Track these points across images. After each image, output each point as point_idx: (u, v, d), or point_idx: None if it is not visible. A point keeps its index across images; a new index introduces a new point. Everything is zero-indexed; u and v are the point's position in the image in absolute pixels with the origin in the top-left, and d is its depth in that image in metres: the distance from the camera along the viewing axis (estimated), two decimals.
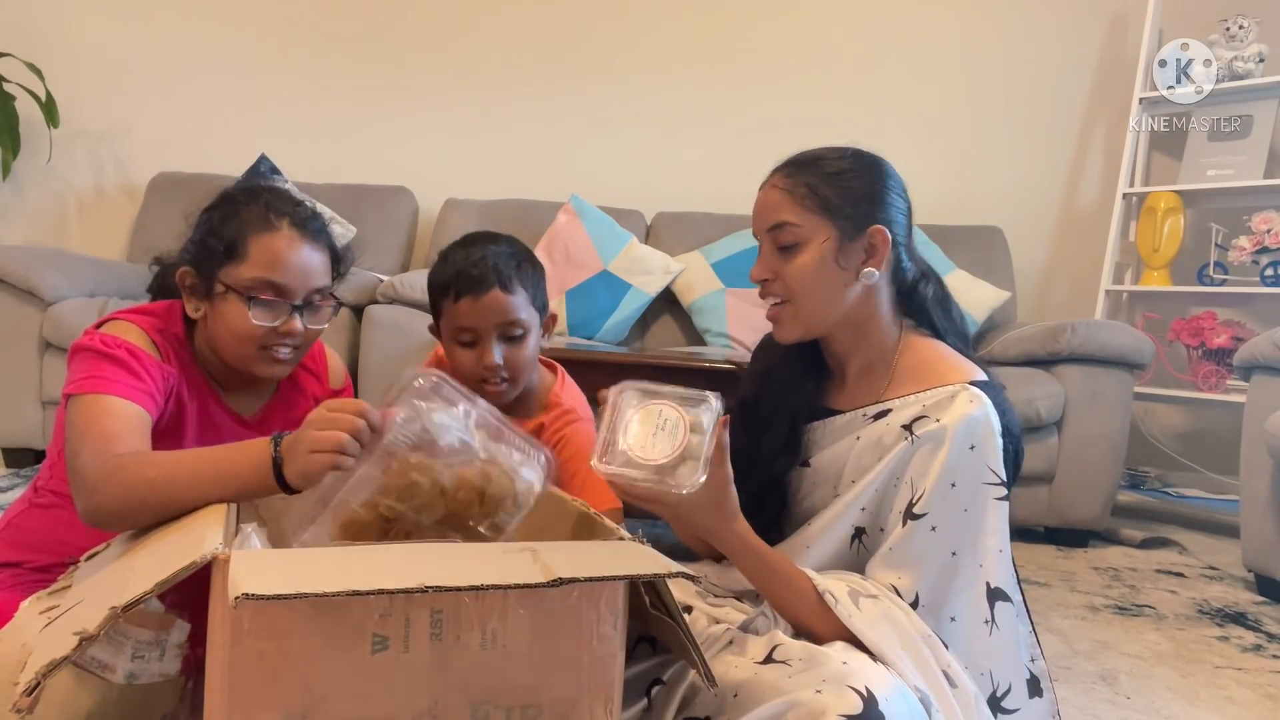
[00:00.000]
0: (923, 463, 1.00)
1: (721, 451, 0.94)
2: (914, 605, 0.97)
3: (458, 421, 0.92)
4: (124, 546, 0.95)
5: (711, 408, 0.92)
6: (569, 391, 1.44)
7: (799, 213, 1.07)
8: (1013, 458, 1.05)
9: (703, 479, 0.90)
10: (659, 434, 0.90)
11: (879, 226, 1.08)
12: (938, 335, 1.15)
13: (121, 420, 1.02)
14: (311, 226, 1.20)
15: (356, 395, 2.66)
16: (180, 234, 1.23)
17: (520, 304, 1.31)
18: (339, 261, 1.24)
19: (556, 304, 3.04)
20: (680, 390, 0.93)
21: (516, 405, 1.39)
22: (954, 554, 0.99)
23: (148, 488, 0.92)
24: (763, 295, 1.13)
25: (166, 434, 1.14)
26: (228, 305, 1.14)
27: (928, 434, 1.01)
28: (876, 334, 1.12)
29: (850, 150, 1.12)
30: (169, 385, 1.14)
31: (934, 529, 0.98)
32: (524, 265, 1.35)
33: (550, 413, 1.40)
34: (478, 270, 1.30)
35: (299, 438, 0.90)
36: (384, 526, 0.90)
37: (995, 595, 1.00)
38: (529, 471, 0.95)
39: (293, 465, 0.90)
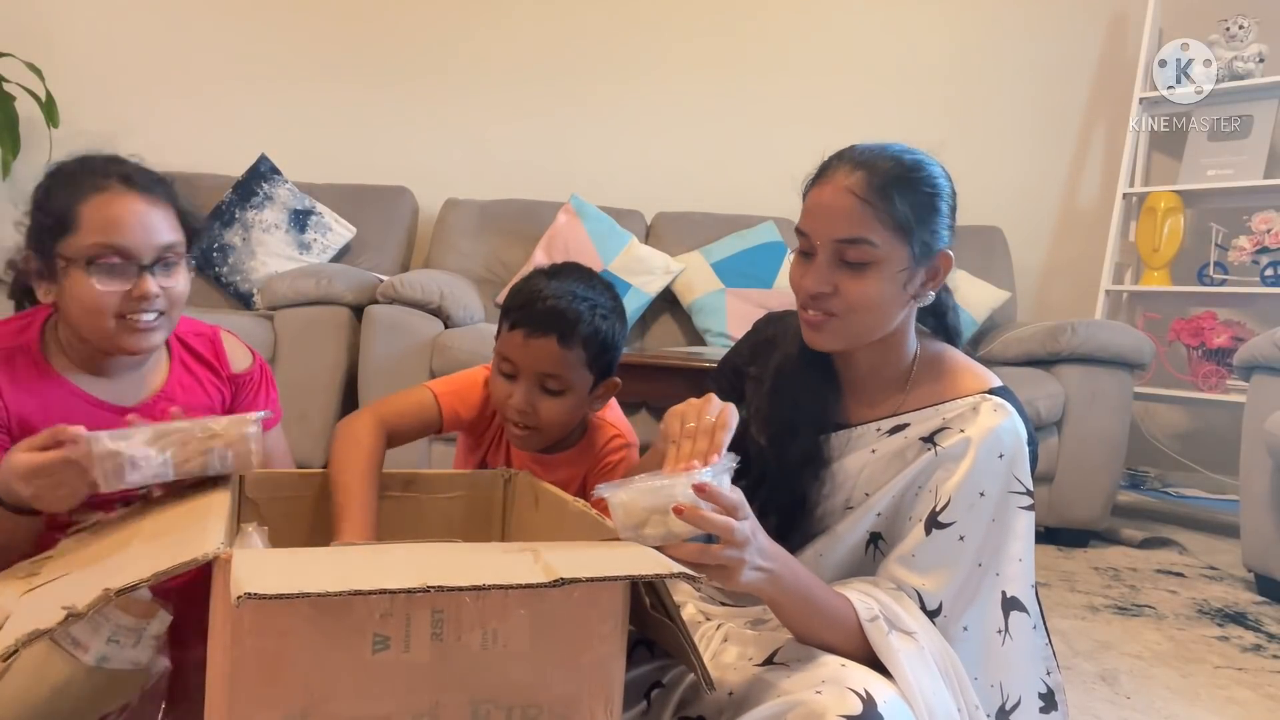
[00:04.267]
0: (947, 473, 0.98)
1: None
2: (938, 611, 0.96)
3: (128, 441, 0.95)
4: (116, 527, 0.95)
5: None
6: (612, 411, 1.39)
7: (879, 232, 0.96)
8: (1033, 462, 1.03)
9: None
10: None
11: (948, 252, 1.01)
12: (949, 339, 1.12)
13: None
14: (143, 181, 1.13)
15: (355, 396, 2.69)
16: None
17: (572, 361, 1.21)
18: (187, 216, 1.18)
19: None
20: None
21: None
22: (980, 565, 0.98)
23: None
24: (806, 307, 1.01)
25: None
26: (71, 280, 1.08)
27: (953, 445, 0.99)
28: (900, 348, 1.07)
29: (921, 157, 1.02)
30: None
31: (962, 538, 0.97)
32: (601, 323, 1.23)
33: (599, 434, 1.35)
34: (545, 310, 1.20)
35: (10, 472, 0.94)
36: None
37: (1010, 605, 0.98)
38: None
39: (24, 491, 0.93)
